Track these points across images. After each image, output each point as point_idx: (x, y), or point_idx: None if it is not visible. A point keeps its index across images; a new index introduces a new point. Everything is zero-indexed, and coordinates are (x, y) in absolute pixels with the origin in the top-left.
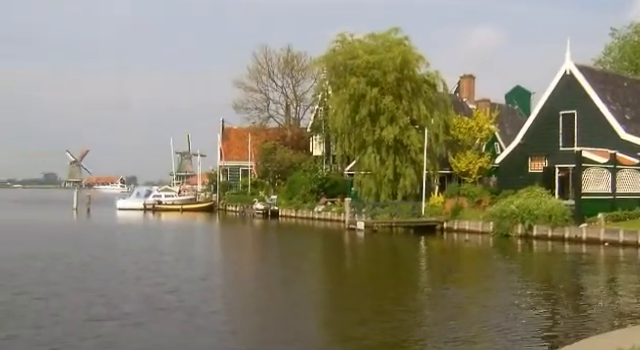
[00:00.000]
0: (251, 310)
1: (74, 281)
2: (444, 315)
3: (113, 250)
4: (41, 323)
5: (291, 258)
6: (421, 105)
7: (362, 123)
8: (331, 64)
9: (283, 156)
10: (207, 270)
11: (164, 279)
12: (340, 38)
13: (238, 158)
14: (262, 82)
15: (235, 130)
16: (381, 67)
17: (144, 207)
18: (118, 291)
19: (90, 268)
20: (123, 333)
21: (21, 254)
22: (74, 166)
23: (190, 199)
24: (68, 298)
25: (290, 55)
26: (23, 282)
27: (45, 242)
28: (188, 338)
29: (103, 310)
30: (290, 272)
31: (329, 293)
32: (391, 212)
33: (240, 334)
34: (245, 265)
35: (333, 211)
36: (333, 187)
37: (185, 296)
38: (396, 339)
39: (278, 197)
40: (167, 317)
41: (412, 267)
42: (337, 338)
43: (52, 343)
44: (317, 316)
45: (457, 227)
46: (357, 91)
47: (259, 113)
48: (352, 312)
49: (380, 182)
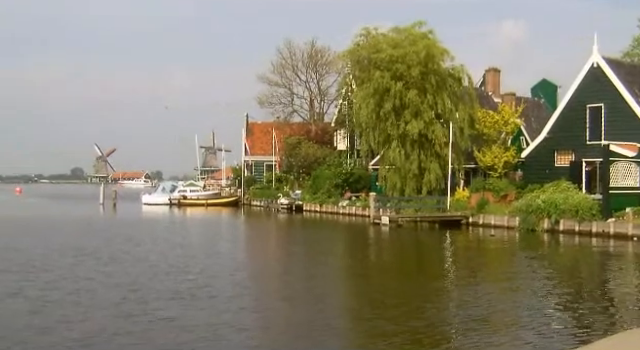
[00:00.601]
0: (279, 306)
1: (104, 276)
2: (472, 311)
3: (141, 245)
4: (73, 318)
5: (317, 253)
6: (446, 99)
7: (386, 117)
8: (355, 58)
9: (307, 151)
10: (235, 265)
11: (193, 274)
12: (364, 32)
13: (262, 153)
14: (286, 77)
15: (259, 125)
16: (405, 61)
17: (169, 202)
18: (148, 286)
19: (119, 263)
20: (153, 329)
21: (51, 249)
22: (100, 162)
23: (215, 194)
24: (99, 293)
25: (314, 50)
26: (55, 277)
27: (74, 237)
28: (218, 334)
29: (134, 305)
30: (316, 267)
31: (356, 288)
32: (416, 207)
33: (270, 330)
34: (272, 260)
35: (357, 206)
36: (357, 182)
37: (214, 292)
38: (423, 335)
39: (302, 192)
40: (197, 313)
41: (438, 262)
42: (366, 334)
43: (84, 339)
44: (344, 312)
45: (482, 222)
46: (381, 85)
47: (283, 108)
48: (379, 308)
49: (405, 176)
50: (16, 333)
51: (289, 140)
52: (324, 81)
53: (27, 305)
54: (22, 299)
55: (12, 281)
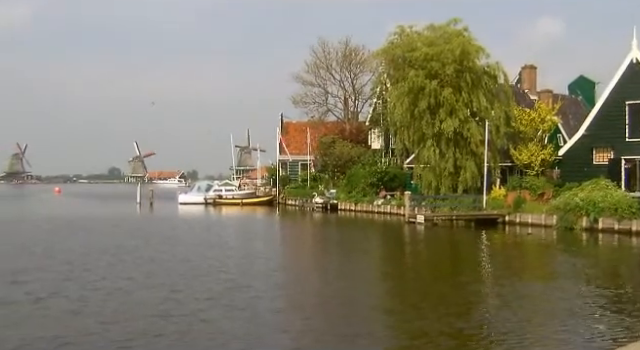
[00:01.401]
0: (319, 307)
1: (144, 276)
2: (510, 312)
3: (179, 244)
4: (114, 319)
5: (353, 252)
6: (481, 97)
7: (421, 116)
8: (390, 57)
9: (342, 150)
10: (272, 265)
11: (232, 275)
12: (399, 30)
13: (297, 152)
14: (320, 76)
15: (294, 124)
16: (440, 59)
17: (205, 201)
18: (188, 287)
19: (159, 263)
20: (193, 330)
21: (91, 248)
22: (137, 161)
23: (250, 193)
24: (140, 294)
25: (348, 49)
26: (95, 277)
27: (113, 236)
28: (259, 336)
29: (174, 306)
30: (354, 267)
31: (395, 289)
32: (451, 205)
33: (311, 332)
34: (309, 260)
35: (392, 204)
36: (392, 180)
37: (253, 292)
38: (467, 337)
39: (337, 191)
40: (237, 314)
41: (476, 262)
42: (409, 335)
43: (126, 340)
44: (385, 313)
45: (519, 220)
46: (416, 84)
47: (318, 107)
48: (420, 309)
49: (440, 175)
50: (57, 334)
51: (324, 139)
52: (358, 80)
53: (68, 305)
54: (63, 299)
55: (53, 280)
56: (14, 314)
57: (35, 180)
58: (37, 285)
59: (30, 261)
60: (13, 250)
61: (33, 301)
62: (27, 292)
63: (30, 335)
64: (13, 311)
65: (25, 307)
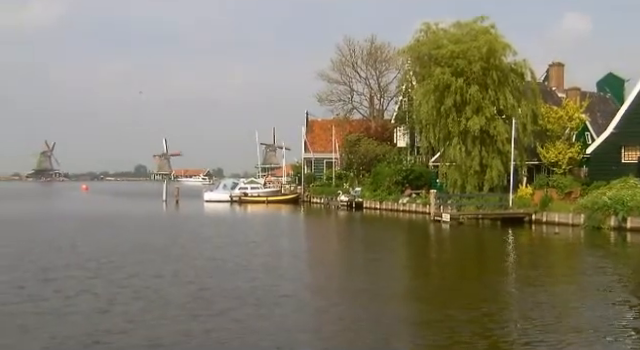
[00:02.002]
0: (350, 307)
1: (172, 274)
2: (534, 313)
3: (206, 242)
4: (142, 318)
5: (379, 250)
6: (508, 95)
7: (447, 114)
8: (415, 54)
9: (367, 148)
10: (299, 264)
11: (259, 273)
12: (424, 28)
13: (322, 150)
14: (346, 74)
15: (319, 122)
16: (466, 56)
17: (230, 199)
18: (216, 285)
19: (186, 261)
20: (222, 329)
21: (119, 246)
22: (163, 159)
23: (275, 191)
24: (168, 292)
25: (374, 46)
26: (123, 275)
27: (140, 234)
28: (285, 336)
29: (203, 305)
30: (381, 266)
31: (424, 289)
32: (477, 204)
33: (343, 332)
34: (335, 258)
35: (418, 203)
36: (418, 179)
37: (281, 291)
38: (497, 337)
39: (362, 189)
40: (266, 313)
41: (504, 261)
42: (442, 336)
43: (155, 339)
44: (415, 313)
45: (546, 219)
46: (442, 81)
47: (343, 105)
48: (450, 309)
49: (466, 173)
50: (86, 332)
51: (349, 137)
52: (384, 78)
53: (96, 303)
54: (91, 297)
55: (82, 278)
56: (44, 312)
57: (63, 178)
58: (66, 283)
59: (59, 258)
60: (43, 247)
61: (62, 299)
62: (56, 290)
63: (60, 333)
64: (43, 309)
65: (54, 305)
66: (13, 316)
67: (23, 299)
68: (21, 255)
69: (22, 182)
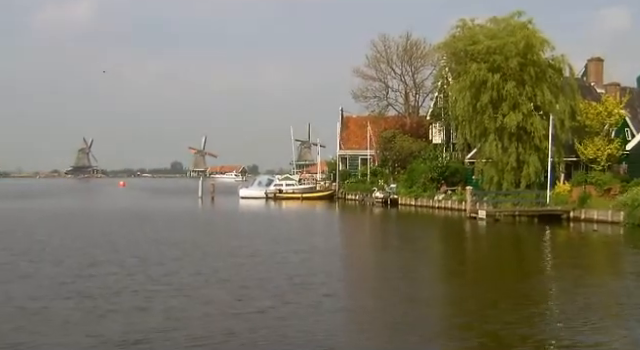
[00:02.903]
0: (393, 307)
1: (211, 271)
2: (582, 315)
3: (243, 239)
4: (183, 316)
5: (415, 248)
6: (545, 90)
7: (483, 110)
8: (451, 50)
9: (402, 144)
10: (335, 261)
11: (297, 271)
12: (460, 23)
13: (357, 147)
14: (381, 70)
15: (354, 119)
16: (503, 52)
17: (265, 196)
18: (255, 283)
19: (225, 258)
20: (265, 327)
21: (158, 243)
22: (199, 156)
23: (310, 188)
24: (209, 290)
25: (409, 42)
26: (163, 272)
27: (177, 230)
28: (326, 336)
29: (243, 303)
30: (418, 265)
31: (465, 288)
32: (514, 201)
33: (387, 333)
34: (372, 257)
35: (453, 200)
36: (453, 175)
37: (322, 289)
38: (547, 341)
39: (397, 185)
40: (306, 312)
41: (538, 259)
42: (489, 339)
43: (196, 339)
44: (459, 314)
45: (584, 216)
46: (478, 77)
47: (378, 101)
48: (494, 309)
49: (502, 170)
50: (126, 331)
51: (384, 134)
52: (419, 74)
53: (136, 301)
54: (131, 294)
55: (121, 275)
56: (85, 310)
57: (100, 174)
58: (107, 279)
59: (100, 254)
60: (84, 243)
61: (103, 296)
62: (97, 286)
63: (100, 332)
64: (85, 306)
65: (94, 303)
66: (55, 313)
67: (65, 296)
68: (64, 251)
69: (61, 179)
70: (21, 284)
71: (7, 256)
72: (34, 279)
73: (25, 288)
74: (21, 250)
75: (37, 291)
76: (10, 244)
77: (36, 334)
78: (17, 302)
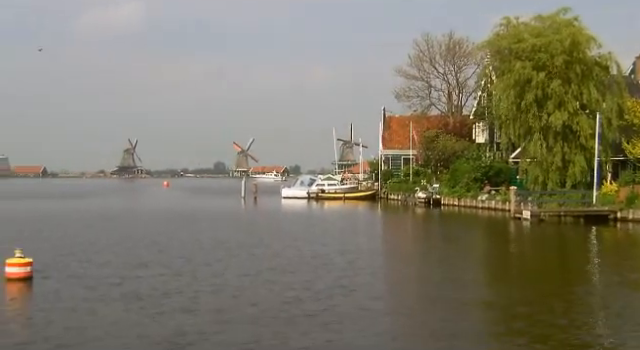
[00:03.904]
0: (425, 310)
1: (256, 272)
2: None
3: (288, 240)
4: (231, 319)
5: (459, 249)
6: (592, 89)
7: (528, 109)
8: (495, 49)
9: (445, 144)
10: (382, 263)
11: (344, 272)
12: (504, 21)
13: (400, 146)
14: (424, 69)
15: (397, 118)
16: (548, 50)
17: (308, 196)
18: (303, 285)
19: (270, 259)
20: (317, 331)
21: (204, 243)
22: (241, 156)
23: (352, 188)
24: (257, 292)
25: (452, 41)
26: (209, 273)
27: (222, 230)
28: (369, 339)
29: (292, 307)
30: (465, 267)
31: (515, 292)
32: (559, 201)
33: (418, 337)
34: (418, 259)
35: (497, 200)
36: (497, 175)
37: (372, 292)
38: (571, 345)
39: (440, 185)
40: (354, 317)
41: (585, 260)
42: (548, 345)
43: (245, 343)
44: (513, 318)
45: (632, 217)
46: (522, 76)
47: (420, 101)
48: (549, 314)
49: (547, 170)
50: (175, 333)
51: (427, 133)
52: (462, 73)
53: (185, 303)
54: (178, 296)
55: (167, 275)
56: (134, 311)
57: (145, 174)
58: (153, 281)
59: (146, 255)
60: (131, 244)
61: (151, 297)
62: (145, 288)
63: (149, 334)
64: (132, 308)
65: (143, 304)
66: (104, 314)
67: (114, 297)
68: (112, 252)
69: (106, 179)
70: (70, 284)
71: (56, 256)
72: (83, 279)
73: (74, 289)
74: (69, 250)
75: (86, 292)
76: (59, 244)
77: (85, 335)
78: (66, 303)
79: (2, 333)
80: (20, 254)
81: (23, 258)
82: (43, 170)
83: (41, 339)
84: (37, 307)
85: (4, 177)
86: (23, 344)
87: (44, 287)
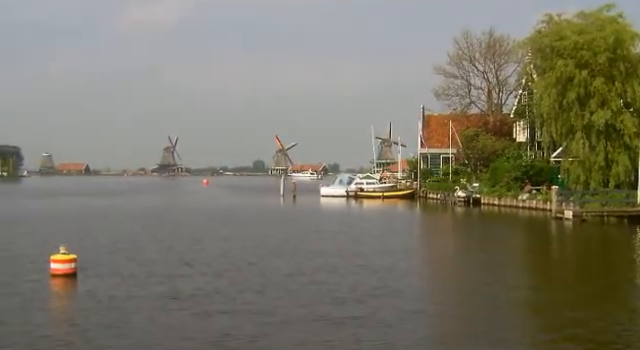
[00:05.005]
0: (465, 313)
1: (303, 274)
2: None
3: (329, 239)
4: (279, 321)
5: (500, 250)
6: (636, 87)
7: (570, 107)
8: (536, 46)
9: (485, 143)
10: (422, 264)
11: (385, 274)
12: (546, 19)
13: (439, 145)
14: (463, 68)
15: (436, 117)
16: (591, 47)
17: (346, 194)
18: (347, 288)
19: (315, 259)
20: (367, 336)
21: (247, 241)
22: (280, 154)
23: (391, 186)
24: (303, 294)
25: (492, 39)
26: (255, 273)
27: (265, 229)
28: (406, 340)
29: (337, 309)
30: (502, 267)
31: (562, 296)
32: (602, 201)
33: (456, 339)
34: (456, 259)
35: (538, 199)
36: (538, 174)
37: (410, 294)
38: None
39: (480, 185)
40: (399, 320)
41: (630, 262)
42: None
43: (296, 347)
44: (563, 323)
45: None
46: (564, 74)
47: (460, 99)
48: (569, 317)
49: (589, 169)
50: (219, 335)
51: (466, 132)
52: (503, 71)
53: (228, 303)
54: (221, 297)
55: (211, 276)
56: (174, 311)
57: (185, 172)
58: (197, 280)
59: (188, 253)
60: (173, 242)
61: (194, 297)
62: (189, 287)
63: (193, 336)
64: (173, 308)
65: (186, 304)
66: (147, 314)
67: (158, 296)
68: (155, 250)
69: (147, 176)
70: (113, 282)
71: (101, 254)
72: (126, 278)
73: (117, 287)
74: (114, 248)
75: (129, 290)
76: (104, 241)
77: (126, 336)
78: (108, 301)
79: (42, 330)
80: (64, 250)
81: (67, 255)
82: (86, 167)
83: (81, 338)
84: (78, 305)
85: (48, 174)
86: (62, 342)
87: (87, 284)
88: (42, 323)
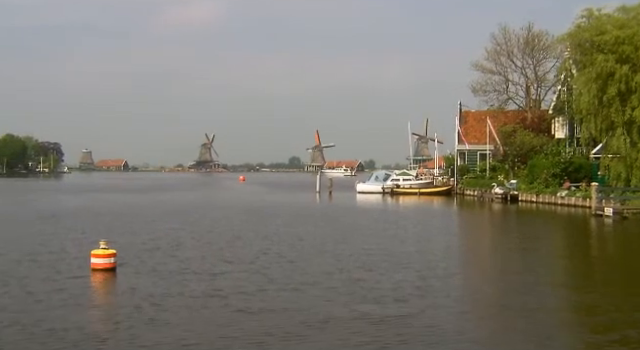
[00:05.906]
0: (509, 314)
1: (343, 272)
2: None
3: (368, 237)
4: (323, 319)
5: (540, 248)
6: None
7: (610, 103)
8: (576, 41)
9: (523, 139)
10: (461, 263)
11: (425, 273)
12: (586, 13)
13: (476, 141)
14: (501, 63)
15: (473, 113)
16: (633, 42)
17: (383, 191)
18: (390, 287)
19: (358, 258)
20: (411, 336)
21: (283, 238)
22: (316, 151)
23: (427, 183)
24: (345, 293)
25: (531, 34)
26: (295, 270)
27: (303, 226)
28: (453, 342)
29: (382, 307)
30: (542, 265)
31: (607, 299)
32: None
33: (502, 342)
34: (495, 257)
35: (577, 196)
36: (577, 171)
37: (450, 294)
38: None
39: (518, 181)
40: (440, 322)
41: None
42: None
43: (341, 347)
44: (581, 322)
45: None
46: (605, 69)
47: (498, 95)
48: (617, 318)
49: (631, 166)
50: (261, 333)
51: (504, 128)
52: (541, 67)
53: (268, 302)
54: (261, 295)
55: (250, 274)
56: (214, 309)
57: (222, 168)
58: (236, 277)
59: (228, 250)
60: (214, 239)
61: (234, 295)
62: (228, 285)
63: (232, 334)
64: (213, 306)
65: (226, 302)
66: (186, 312)
67: (197, 293)
68: (196, 246)
69: (185, 173)
70: (152, 278)
71: (141, 250)
72: (165, 274)
73: (156, 283)
74: (154, 244)
75: (167, 287)
76: (144, 237)
77: (164, 333)
78: (146, 298)
79: (80, 325)
80: (104, 245)
81: (107, 249)
82: (124, 164)
83: (119, 334)
84: (116, 301)
85: (87, 170)
86: (100, 338)
87: (125, 280)
88: (83, 320)
